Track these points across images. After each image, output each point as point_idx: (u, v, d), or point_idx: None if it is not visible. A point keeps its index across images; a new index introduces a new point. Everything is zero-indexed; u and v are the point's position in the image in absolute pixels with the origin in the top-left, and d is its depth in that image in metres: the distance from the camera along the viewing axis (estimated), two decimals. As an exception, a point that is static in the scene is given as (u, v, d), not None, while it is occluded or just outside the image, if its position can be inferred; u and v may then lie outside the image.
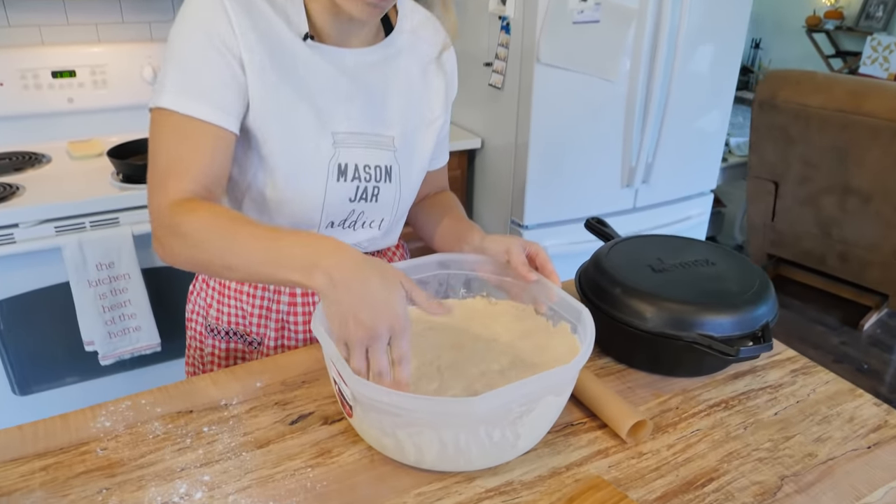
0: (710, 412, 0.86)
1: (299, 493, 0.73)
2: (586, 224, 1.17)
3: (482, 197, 2.32)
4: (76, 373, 1.89)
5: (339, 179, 0.92)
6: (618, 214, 2.21)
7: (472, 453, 0.71)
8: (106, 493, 0.73)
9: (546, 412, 0.73)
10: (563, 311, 0.86)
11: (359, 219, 0.98)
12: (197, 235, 0.76)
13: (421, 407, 0.67)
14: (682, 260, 0.98)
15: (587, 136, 2.03)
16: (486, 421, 0.68)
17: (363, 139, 0.93)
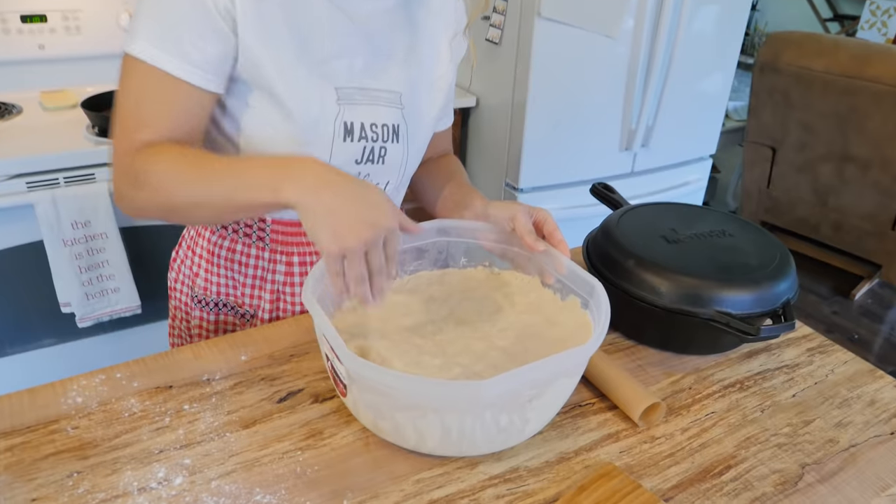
0: (725, 393, 0.81)
1: (288, 479, 0.67)
2: (592, 189, 1.10)
3: (476, 158, 2.24)
4: (53, 335, 1.82)
5: (346, 139, 0.85)
6: (616, 178, 2.15)
7: (476, 438, 0.66)
8: (77, 478, 0.67)
9: (557, 395, 0.68)
10: (573, 284, 0.80)
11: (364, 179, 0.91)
12: (162, 181, 0.72)
13: (425, 390, 0.61)
14: (698, 230, 0.92)
15: (587, 97, 1.95)
16: (494, 405, 0.63)
17: (368, 95, 0.86)
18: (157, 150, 0.73)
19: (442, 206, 0.98)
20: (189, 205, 0.73)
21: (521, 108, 1.91)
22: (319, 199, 0.66)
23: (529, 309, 0.84)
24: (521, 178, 2.00)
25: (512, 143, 1.99)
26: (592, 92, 1.94)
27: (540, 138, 1.95)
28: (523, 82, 1.88)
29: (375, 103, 0.87)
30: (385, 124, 0.88)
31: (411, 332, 0.78)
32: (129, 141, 0.73)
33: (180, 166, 0.72)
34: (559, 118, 1.94)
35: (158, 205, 0.74)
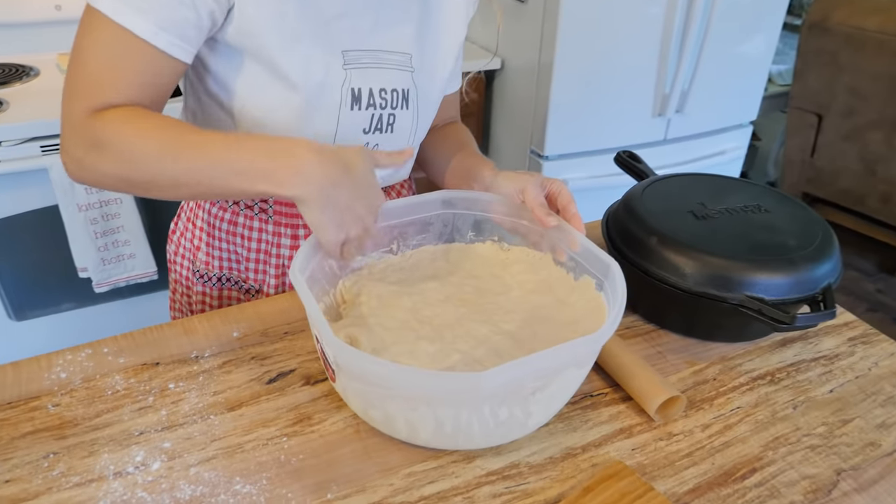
0: (754, 386, 0.74)
1: (271, 468, 0.63)
2: (616, 158, 1.02)
3: (500, 124, 2.15)
4: (72, 299, 1.81)
5: (353, 107, 0.79)
6: (647, 146, 2.04)
7: (473, 433, 0.60)
8: (53, 459, 0.63)
9: (564, 387, 0.62)
10: (587, 262, 0.73)
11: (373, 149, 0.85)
12: (135, 149, 0.64)
13: (415, 382, 0.55)
14: (730, 205, 0.84)
15: (618, 59, 1.84)
16: (493, 398, 0.57)
17: (377, 58, 0.80)
18: (128, 113, 0.66)
19: (450, 178, 0.91)
20: (164, 181, 0.66)
21: (547, 70, 1.81)
22: (322, 193, 0.64)
23: (539, 288, 0.78)
24: (547, 144, 1.91)
25: (537, 107, 1.90)
26: (624, 53, 1.83)
27: (567, 103, 1.85)
28: (550, 43, 1.77)
29: (384, 66, 0.80)
30: (395, 89, 0.82)
31: (409, 314, 0.72)
32: (89, 100, 0.66)
33: (162, 136, 0.65)
34: (588, 81, 1.84)
35: (123, 175, 0.66)
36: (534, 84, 1.89)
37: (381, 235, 0.76)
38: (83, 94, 0.66)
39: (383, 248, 0.81)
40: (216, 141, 0.65)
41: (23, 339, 1.80)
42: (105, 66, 0.66)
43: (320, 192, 0.64)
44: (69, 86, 0.67)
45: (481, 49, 2.11)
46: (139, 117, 0.66)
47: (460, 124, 1.01)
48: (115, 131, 0.65)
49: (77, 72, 0.67)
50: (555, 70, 1.79)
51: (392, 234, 0.81)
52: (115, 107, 0.66)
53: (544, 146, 1.92)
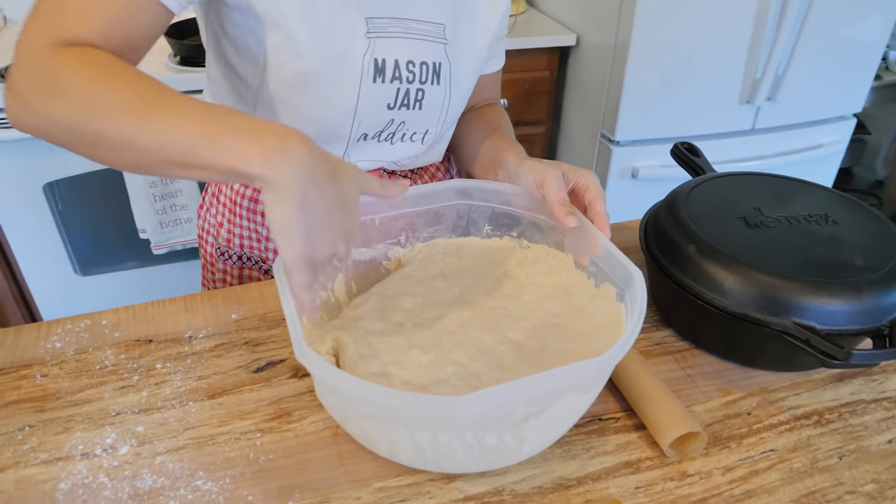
0: (795, 426, 0.64)
1: (238, 465, 0.59)
2: (673, 150, 0.91)
3: (573, 104, 2.03)
4: (134, 258, 1.87)
5: (376, 80, 0.73)
6: (731, 136, 1.87)
7: (457, 457, 0.54)
8: (27, 432, 0.62)
9: (565, 412, 0.55)
10: (608, 268, 0.64)
11: (398, 130, 0.80)
12: (90, 92, 0.53)
13: (384, 402, 0.49)
14: (791, 212, 0.73)
15: (703, 38, 1.67)
16: (476, 425, 0.51)
17: (406, 27, 0.73)
18: (96, 54, 0.55)
19: (479, 166, 0.84)
20: (117, 138, 0.53)
21: (623, 49, 1.68)
22: (301, 187, 0.50)
23: (557, 293, 0.70)
24: (618, 129, 1.78)
25: (610, 89, 1.77)
26: (709, 32, 1.67)
27: (642, 85, 1.71)
28: (628, 19, 1.64)
29: (414, 36, 0.74)
30: (424, 62, 0.75)
31: (407, 317, 0.66)
32: (52, 30, 0.56)
33: (131, 87, 0.54)
34: (666, 62, 1.69)
35: (73, 123, 0.54)
36: (608, 63, 1.77)
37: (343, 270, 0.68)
38: (45, 22, 0.57)
39: (391, 239, 0.75)
40: (195, 105, 0.53)
41: (87, 294, 1.87)
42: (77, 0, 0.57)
43: (298, 186, 0.50)
44: (32, 12, 0.58)
45: (556, 23, 1.99)
46: (109, 62, 0.55)
47: (498, 106, 0.93)
48: (76, 70, 0.54)
49: (44, 3, 0.58)
50: (631, 49, 1.66)
51: (400, 224, 0.75)
52: (81, 44, 0.56)
53: (615, 130, 1.79)
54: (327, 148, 0.78)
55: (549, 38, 1.91)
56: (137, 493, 0.57)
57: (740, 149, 1.90)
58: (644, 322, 0.75)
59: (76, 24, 0.56)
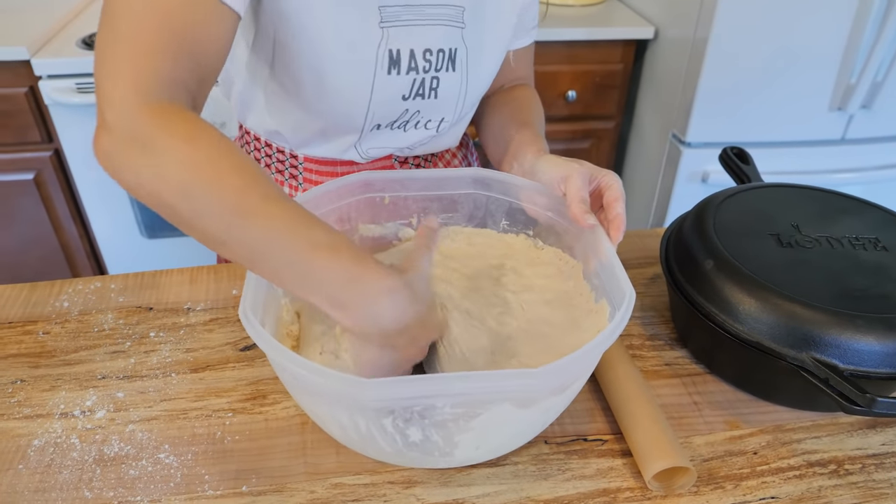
0: (806, 473, 0.56)
1: (201, 443, 0.58)
2: (722, 155, 0.84)
3: (645, 100, 1.93)
4: (197, 226, 1.93)
5: (391, 71, 0.69)
6: (817, 145, 1.72)
7: (380, 446, 0.51)
8: (16, 387, 0.64)
9: (499, 424, 0.50)
10: (608, 283, 0.59)
11: (412, 118, 0.76)
12: (186, 179, 0.48)
13: (295, 372, 0.46)
14: (834, 233, 0.65)
15: (790, 37, 1.54)
16: (395, 414, 0.48)
17: (421, 14, 0.68)
18: (193, 126, 0.49)
19: (497, 156, 0.79)
20: (212, 235, 0.49)
21: (701, 44, 1.57)
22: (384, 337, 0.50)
23: (558, 299, 0.65)
24: (690, 129, 1.67)
25: (686, 87, 1.67)
26: (799, 31, 1.53)
27: (719, 85, 1.60)
28: (708, 14, 1.53)
29: (430, 23, 0.69)
30: (441, 49, 0.71)
31: None
32: (138, 74, 0.49)
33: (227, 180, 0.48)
34: (747, 62, 1.57)
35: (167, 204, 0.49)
36: (685, 59, 1.66)
37: None
38: (129, 61, 0.50)
39: (402, 220, 0.73)
40: (295, 218, 0.49)
41: (151, 256, 1.96)
42: (161, 20, 0.50)
43: (384, 339, 0.50)
44: (107, 49, 0.51)
45: (635, 14, 1.90)
46: (211, 143, 0.49)
47: (529, 88, 0.87)
48: (178, 150, 0.48)
49: (118, 28, 0.51)
50: (709, 45, 1.55)
51: (412, 206, 0.72)
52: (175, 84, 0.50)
53: (687, 131, 1.68)
54: (339, 140, 0.76)
55: (626, 29, 1.82)
56: (103, 459, 0.57)
57: (827, 160, 1.74)
58: (658, 340, 0.70)
59: (163, 59, 0.50)
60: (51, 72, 1.53)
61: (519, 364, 0.57)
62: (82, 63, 1.52)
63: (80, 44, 1.57)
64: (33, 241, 1.84)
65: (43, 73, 1.52)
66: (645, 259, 0.82)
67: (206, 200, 0.48)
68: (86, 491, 0.54)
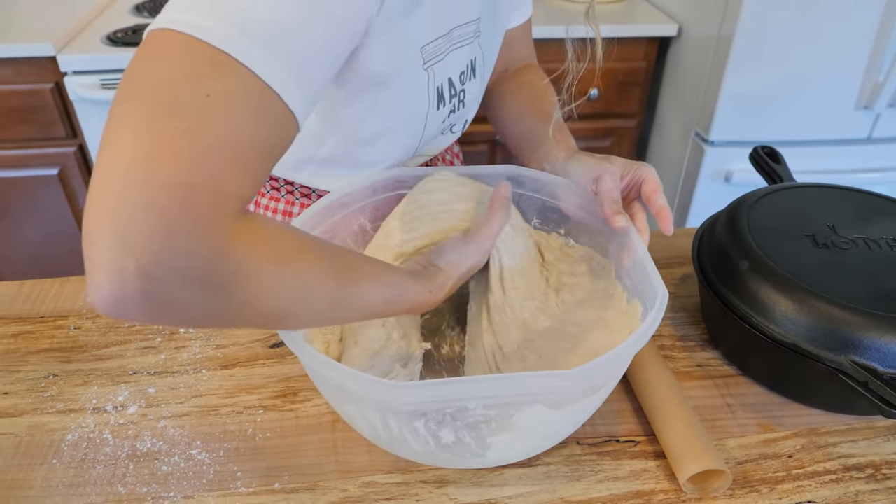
0: (843, 477, 0.56)
1: (233, 439, 0.59)
2: (752, 154, 0.83)
3: (668, 99, 1.91)
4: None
5: (440, 107, 0.67)
6: (843, 144, 1.69)
7: (412, 447, 0.51)
8: (49, 381, 0.65)
9: (533, 426, 0.50)
10: (639, 283, 0.58)
11: (446, 130, 0.75)
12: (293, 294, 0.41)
13: (329, 376, 0.46)
14: (872, 234, 0.63)
15: (816, 35, 1.52)
16: (428, 417, 0.47)
17: (450, 40, 0.64)
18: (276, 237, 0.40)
19: (519, 146, 0.77)
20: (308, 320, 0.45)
21: (726, 43, 1.55)
22: None
23: (588, 300, 0.64)
24: (714, 128, 1.66)
25: (709, 85, 1.65)
26: (827, 27, 1.51)
27: (744, 83, 1.58)
28: (734, 9, 1.51)
29: (459, 45, 0.66)
30: (467, 65, 0.69)
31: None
32: (217, 195, 0.35)
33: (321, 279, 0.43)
34: (773, 60, 1.55)
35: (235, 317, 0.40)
36: (710, 57, 1.64)
37: None
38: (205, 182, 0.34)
39: None
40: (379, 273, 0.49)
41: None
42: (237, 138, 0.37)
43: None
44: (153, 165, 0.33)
45: (659, 12, 1.88)
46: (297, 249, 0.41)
47: (535, 69, 0.83)
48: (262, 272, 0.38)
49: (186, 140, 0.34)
50: (735, 42, 1.53)
51: None
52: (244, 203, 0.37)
53: (710, 129, 1.67)
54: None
55: (650, 26, 1.80)
56: (135, 454, 0.57)
57: (853, 159, 1.72)
58: (689, 341, 0.69)
59: (247, 178, 0.37)
60: (76, 68, 1.54)
61: (542, 362, 0.57)
62: (107, 59, 1.53)
63: (105, 40, 1.58)
64: (57, 236, 1.86)
65: (68, 69, 1.54)
66: (675, 259, 0.81)
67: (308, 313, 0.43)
68: (119, 486, 0.55)
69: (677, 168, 1.84)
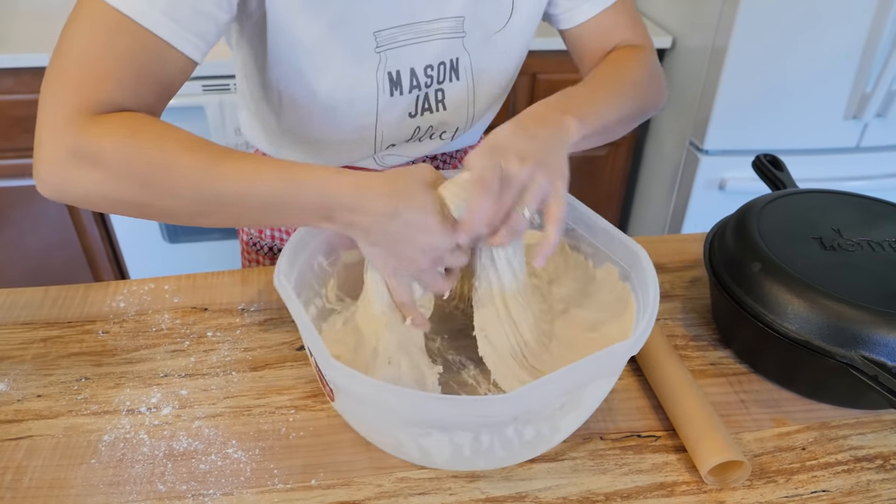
0: (854, 468, 0.58)
1: (268, 438, 0.60)
2: (755, 162, 0.86)
3: (663, 109, 1.95)
4: (218, 230, 1.96)
5: (393, 93, 0.69)
6: (833, 153, 1.74)
7: (495, 455, 0.53)
8: (82, 384, 0.66)
9: (593, 398, 0.54)
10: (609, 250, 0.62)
11: (426, 133, 0.77)
12: (150, 170, 0.51)
13: (428, 408, 0.48)
14: (876, 237, 0.67)
15: (808, 46, 1.57)
16: (518, 420, 0.50)
17: (418, 31, 0.67)
18: (138, 122, 0.52)
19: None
20: (186, 211, 0.54)
21: (720, 54, 1.60)
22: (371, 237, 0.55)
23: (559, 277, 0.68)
24: (708, 137, 1.70)
25: (703, 95, 1.69)
26: (817, 40, 1.56)
27: (737, 93, 1.62)
28: (728, 23, 1.56)
29: (427, 39, 0.68)
30: (442, 62, 0.70)
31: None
32: (84, 96, 0.51)
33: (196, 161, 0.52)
34: (766, 70, 1.60)
35: (123, 197, 0.53)
36: (703, 68, 1.68)
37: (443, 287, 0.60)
38: (75, 88, 0.52)
39: None
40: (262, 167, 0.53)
41: (173, 260, 1.98)
42: (105, 57, 0.52)
43: (366, 236, 0.55)
44: (54, 79, 0.53)
45: (652, 24, 1.92)
46: (161, 131, 0.53)
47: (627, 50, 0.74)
48: (119, 147, 0.51)
49: (66, 63, 0.53)
50: (728, 54, 1.57)
51: None
52: (112, 106, 0.53)
53: (705, 139, 1.71)
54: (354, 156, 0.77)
55: (643, 38, 1.85)
56: (172, 453, 0.59)
57: (842, 167, 1.77)
58: (701, 340, 0.72)
59: (110, 85, 0.52)
60: (80, 79, 1.55)
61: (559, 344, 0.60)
62: (112, 70, 1.54)
63: (109, 51, 1.59)
64: (57, 245, 1.86)
65: (73, 79, 1.55)
66: (683, 263, 0.84)
67: (169, 183, 0.52)
68: (159, 484, 0.56)
69: (672, 176, 1.88)
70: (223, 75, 1.66)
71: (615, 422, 0.62)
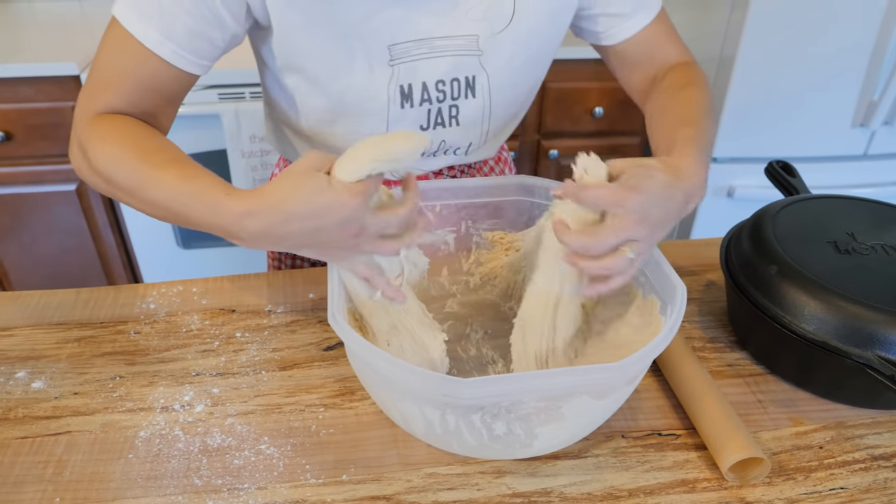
0: (871, 466, 0.60)
1: (299, 435, 0.62)
2: (768, 168, 0.88)
3: (671, 117, 1.97)
4: (230, 237, 1.98)
5: (404, 105, 0.72)
6: (840, 160, 1.76)
7: (466, 441, 0.55)
8: (116, 382, 0.68)
9: (578, 415, 0.54)
10: (655, 281, 0.62)
11: (440, 148, 0.79)
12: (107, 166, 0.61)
13: (394, 373, 0.50)
14: (889, 241, 0.68)
15: (816, 56, 1.59)
16: (484, 410, 0.51)
17: (432, 46, 0.70)
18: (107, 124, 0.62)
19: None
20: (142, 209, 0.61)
21: (728, 63, 1.62)
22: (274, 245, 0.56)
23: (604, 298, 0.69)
24: (716, 145, 1.72)
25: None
26: (825, 49, 1.58)
27: (746, 101, 1.65)
28: (736, 33, 1.58)
29: (441, 55, 0.70)
30: (455, 78, 0.72)
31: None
32: (93, 102, 0.64)
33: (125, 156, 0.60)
34: (774, 79, 1.62)
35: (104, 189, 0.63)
36: (712, 77, 1.71)
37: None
38: (89, 95, 0.64)
39: (450, 227, 0.76)
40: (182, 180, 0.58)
41: (187, 266, 2.00)
42: (111, 70, 0.64)
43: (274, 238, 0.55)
44: (84, 86, 0.66)
45: (661, 34, 1.94)
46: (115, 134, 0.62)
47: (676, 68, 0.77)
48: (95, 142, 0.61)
49: (90, 73, 0.65)
50: (737, 63, 1.60)
51: (461, 213, 0.75)
52: (115, 111, 0.64)
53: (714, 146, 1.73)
54: None
55: (652, 47, 1.87)
56: (207, 449, 0.61)
57: (850, 175, 1.79)
58: (718, 342, 0.74)
59: (110, 95, 0.64)
60: (100, 87, 1.58)
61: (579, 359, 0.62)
62: (130, 78, 1.57)
63: (128, 60, 1.62)
64: (72, 250, 1.88)
65: (92, 87, 1.57)
66: (699, 267, 0.86)
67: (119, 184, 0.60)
68: (195, 479, 0.58)
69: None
70: (239, 84, 1.69)
71: (636, 420, 0.64)
